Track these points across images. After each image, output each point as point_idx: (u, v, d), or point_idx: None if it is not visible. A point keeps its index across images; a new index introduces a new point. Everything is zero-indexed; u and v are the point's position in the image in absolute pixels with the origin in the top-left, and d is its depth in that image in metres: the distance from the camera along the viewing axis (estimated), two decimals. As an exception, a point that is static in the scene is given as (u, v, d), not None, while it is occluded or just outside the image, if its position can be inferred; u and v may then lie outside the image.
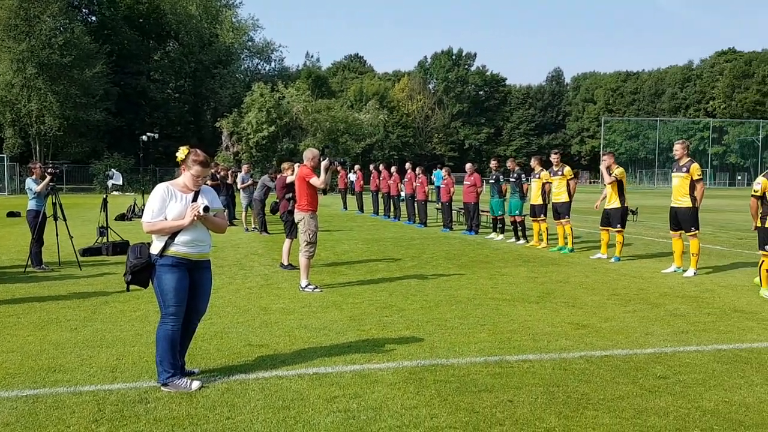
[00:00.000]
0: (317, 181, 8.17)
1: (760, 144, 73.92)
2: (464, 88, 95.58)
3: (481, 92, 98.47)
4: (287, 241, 10.09)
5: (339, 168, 10.23)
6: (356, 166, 26.65)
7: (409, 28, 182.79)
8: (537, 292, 8.07)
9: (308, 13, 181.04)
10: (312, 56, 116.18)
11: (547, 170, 12.93)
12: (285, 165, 11.60)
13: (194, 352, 5.18)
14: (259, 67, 71.88)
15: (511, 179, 14.14)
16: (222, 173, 18.79)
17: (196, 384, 4.42)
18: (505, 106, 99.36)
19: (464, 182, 16.21)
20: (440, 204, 18.49)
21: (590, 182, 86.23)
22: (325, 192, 8.52)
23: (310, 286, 8.12)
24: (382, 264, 10.59)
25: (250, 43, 68.72)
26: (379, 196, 22.32)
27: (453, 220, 17.55)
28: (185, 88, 62.68)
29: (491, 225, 15.55)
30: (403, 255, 11.75)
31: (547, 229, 13.05)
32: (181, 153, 4.54)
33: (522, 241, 13.64)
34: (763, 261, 7.84)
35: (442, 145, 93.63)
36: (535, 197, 13.03)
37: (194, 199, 4.51)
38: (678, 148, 9.46)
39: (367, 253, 12.00)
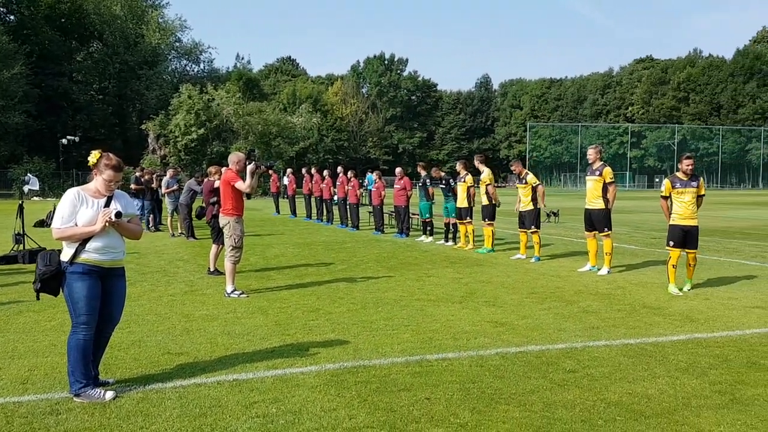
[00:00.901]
0: (243, 185, 8.10)
1: (676, 147, 78.07)
2: (397, 93, 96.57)
3: (413, 97, 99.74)
4: (214, 247, 9.93)
5: (270, 171, 10.16)
6: (289, 170, 26.44)
7: (341, 31, 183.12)
8: (461, 292, 8.27)
9: (238, 14, 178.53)
10: (243, 58, 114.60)
11: (473, 175, 13.28)
12: (211, 169, 11.42)
13: (110, 362, 5.05)
14: (188, 68, 70.27)
15: (441, 185, 14.43)
16: (146, 177, 18.27)
17: (109, 394, 4.31)
18: (437, 111, 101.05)
19: (394, 186, 16.41)
20: (372, 207, 18.63)
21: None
22: (249, 196, 8.45)
23: (236, 292, 8.03)
24: (312, 268, 10.58)
25: (177, 44, 67.07)
26: (312, 199, 22.25)
27: (384, 224, 17.71)
28: (110, 89, 60.48)
29: (421, 228, 15.79)
30: (333, 258, 11.78)
31: (473, 231, 13.38)
32: (93, 157, 4.43)
33: (450, 243, 13.94)
34: (669, 257, 8.34)
35: (376, 149, 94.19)
36: (461, 200, 13.34)
37: (106, 205, 4.40)
38: (591, 153, 9.92)
39: (297, 258, 11.95)
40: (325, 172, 21.16)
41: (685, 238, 8.33)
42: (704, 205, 8.87)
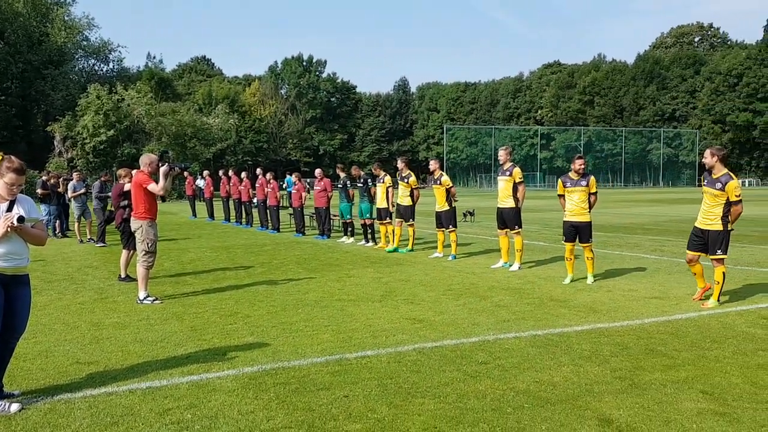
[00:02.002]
0: (156, 188, 7.88)
1: (582, 149, 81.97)
2: (316, 95, 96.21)
3: (333, 99, 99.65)
4: (125, 253, 9.59)
5: (185, 173, 9.91)
6: (205, 172, 25.83)
7: (258, 32, 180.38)
8: (381, 291, 8.40)
9: (150, 12, 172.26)
10: (154, 57, 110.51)
11: (390, 175, 13.48)
12: (121, 172, 10.99)
13: (15, 373, 4.81)
14: (96, 67, 67.12)
15: (359, 185, 14.55)
16: (53, 181, 17.34)
17: (15, 406, 4.12)
18: (357, 113, 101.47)
19: (315, 188, 16.39)
20: (292, 209, 18.51)
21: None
22: (163, 199, 8.22)
23: (149, 298, 7.80)
24: (231, 272, 10.42)
25: (84, 43, 63.99)
26: (230, 202, 21.83)
27: (305, 225, 17.65)
28: (12, 90, 56.80)
29: (342, 229, 15.86)
30: (253, 261, 11.64)
31: (393, 231, 13.57)
32: (-8, 160, 4.21)
33: (371, 243, 14.08)
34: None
35: (297, 150, 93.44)
36: (380, 201, 13.52)
37: (9, 209, 4.20)
38: (502, 154, 10.34)
39: (215, 261, 11.72)
40: (243, 174, 20.84)
41: (576, 233, 8.89)
42: (609, 202, 9.48)
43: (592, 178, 8.94)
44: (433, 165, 12.24)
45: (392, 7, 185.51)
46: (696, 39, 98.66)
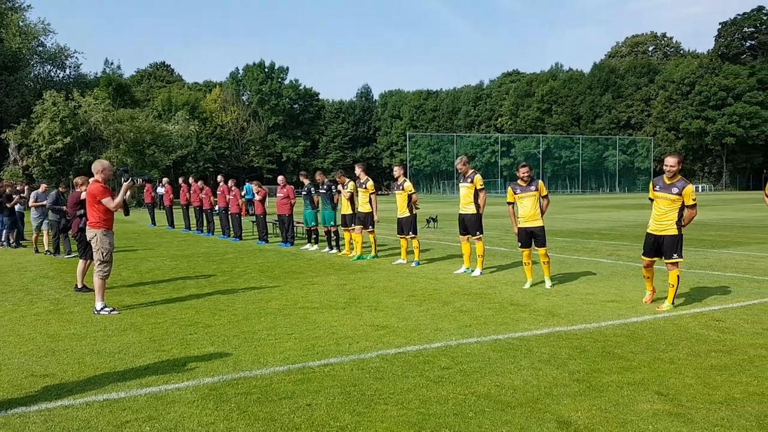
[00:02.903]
0: (111, 204, 7.74)
1: (540, 156, 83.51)
2: (279, 101, 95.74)
3: (296, 105, 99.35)
4: (81, 262, 9.37)
5: (147, 183, 9.73)
6: (164, 179, 25.42)
7: (219, 38, 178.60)
8: (344, 298, 8.39)
9: (107, 18, 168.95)
10: (112, 63, 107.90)
11: (354, 182, 13.48)
12: (78, 180, 10.75)
13: (-38, 391, 4.64)
14: (52, 74, 65.38)
15: (322, 191, 14.52)
16: (8, 190, 16.82)
17: (-38, 425, 3.97)
18: (320, 120, 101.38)
19: (277, 194, 16.28)
20: (255, 217, 18.35)
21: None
22: (127, 212, 8.07)
23: (106, 309, 7.63)
24: (191, 281, 10.27)
25: (40, 49, 62.33)
26: (191, 210, 21.52)
27: (268, 233, 17.50)
28: (-36, 97, 54.99)
29: (306, 236, 15.79)
30: (214, 270, 11.49)
31: (353, 238, 13.57)
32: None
33: (335, 251, 14.05)
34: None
35: (259, 157, 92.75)
36: (345, 208, 13.51)
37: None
38: (459, 165, 10.56)
39: (175, 271, 11.53)
40: (199, 182, 20.57)
41: (531, 238, 9.06)
42: (567, 208, 9.70)
43: (540, 182, 9.13)
44: (397, 171, 12.30)
45: (354, 15, 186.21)
46: (650, 48, 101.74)
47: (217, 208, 19.51)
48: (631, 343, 5.87)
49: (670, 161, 7.33)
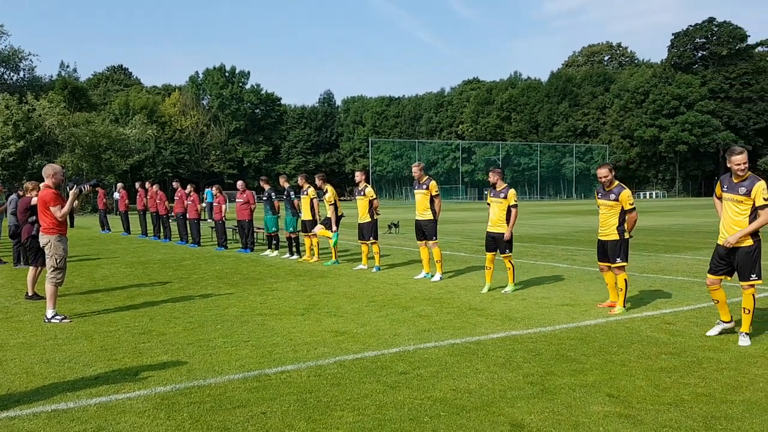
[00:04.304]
0: (58, 213, 7.55)
1: (500, 163, 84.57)
2: (240, 106, 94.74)
3: (257, 110, 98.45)
4: (32, 269, 9.10)
5: (97, 189, 9.52)
6: (119, 185, 24.82)
7: (178, 41, 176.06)
8: (304, 304, 8.34)
9: (63, 19, 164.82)
10: (68, 66, 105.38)
11: (314, 187, 13.45)
12: (28, 185, 10.44)
13: None
14: (5, 76, 63.33)
15: (284, 196, 14.44)
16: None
17: None
18: (282, 124, 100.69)
19: (237, 200, 16.11)
20: (213, 222, 18.10)
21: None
22: (72, 224, 7.87)
23: (57, 317, 7.41)
24: (146, 288, 10.06)
25: (-7, 51, 60.30)
26: (147, 215, 21.08)
27: (228, 239, 17.29)
28: None
29: (266, 242, 15.65)
30: (171, 277, 11.28)
31: (318, 243, 13.54)
32: None
33: (296, 256, 13.95)
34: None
35: (220, 162, 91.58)
36: (305, 213, 13.45)
37: None
38: (415, 170, 10.65)
39: (129, 278, 11.28)
40: (154, 186, 20.18)
41: (494, 243, 9.22)
42: (525, 214, 9.90)
43: (511, 191, 9.08)
44: (358, 176, 12.27)
45: (317, 21, 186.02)
46: (606, 58, 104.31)
47: (173, 213, 19.17)
48: (583, 346, 6.00)
49: (602, 172, 7.76)
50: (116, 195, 25.27)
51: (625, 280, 7.67)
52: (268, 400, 4.57)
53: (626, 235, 7.68)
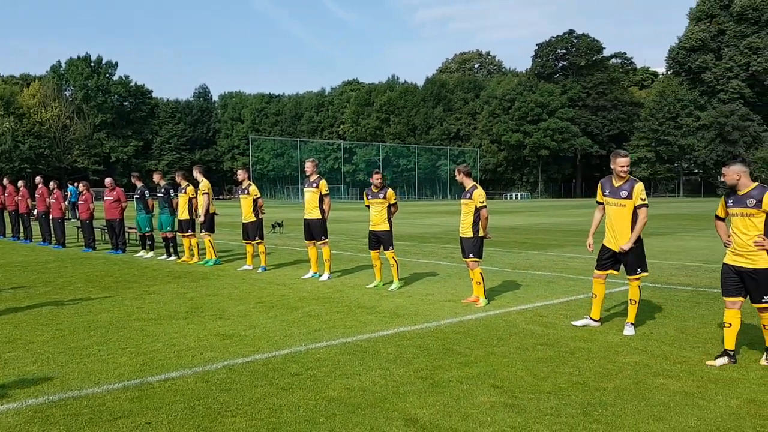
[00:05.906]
0: None
1: (381, 163, 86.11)
2: (107, 98, 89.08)
3: (126, 103, 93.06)
4: None
5: None
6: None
7: (38, 29, 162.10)
8: (186, 307, 8.01)
9: None
10: None
11: (193, 185, 12.96)
12: None
13: None
14: None
15: (159, 194, 13.75)
16: None
17: None
18: (154, 119, 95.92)
19: (105, 198, 15.12)
20: (80, 222, 16.86)
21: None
22: None
23: None
24: (7, 293, 9.22)
25: None
26: (5, 214, 19.29)
27: (96, 239, 16.17)
28: None
29: (139, 242, 14.83)
30: (34, 281, 10.40)
31: (197, 243, 13.04)
32: None
33: (174, 257, 13.34)
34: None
35: (84, 157, 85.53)
36: (182, 212, 12.91)
37: None
38: (309, 166, 10.53)
39: (-16, 283, 10.24)
40: (20, 183, 18.53)
41: (378, 241, 9.50)
42: (405, 214, 10.18)
43: (389, 190, 9.50)
44: (241, 175, 11.95)
45: (191, 13, 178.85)
46: (476, 65, 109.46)
47: (35, 212, 17.66)
48: (467, 340, 6.26)
49: (457, 177, 8.42)
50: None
51: (481, 274, 8.17)
52: (152, 409, 4.35)
53: (482, 233, 8.13)
